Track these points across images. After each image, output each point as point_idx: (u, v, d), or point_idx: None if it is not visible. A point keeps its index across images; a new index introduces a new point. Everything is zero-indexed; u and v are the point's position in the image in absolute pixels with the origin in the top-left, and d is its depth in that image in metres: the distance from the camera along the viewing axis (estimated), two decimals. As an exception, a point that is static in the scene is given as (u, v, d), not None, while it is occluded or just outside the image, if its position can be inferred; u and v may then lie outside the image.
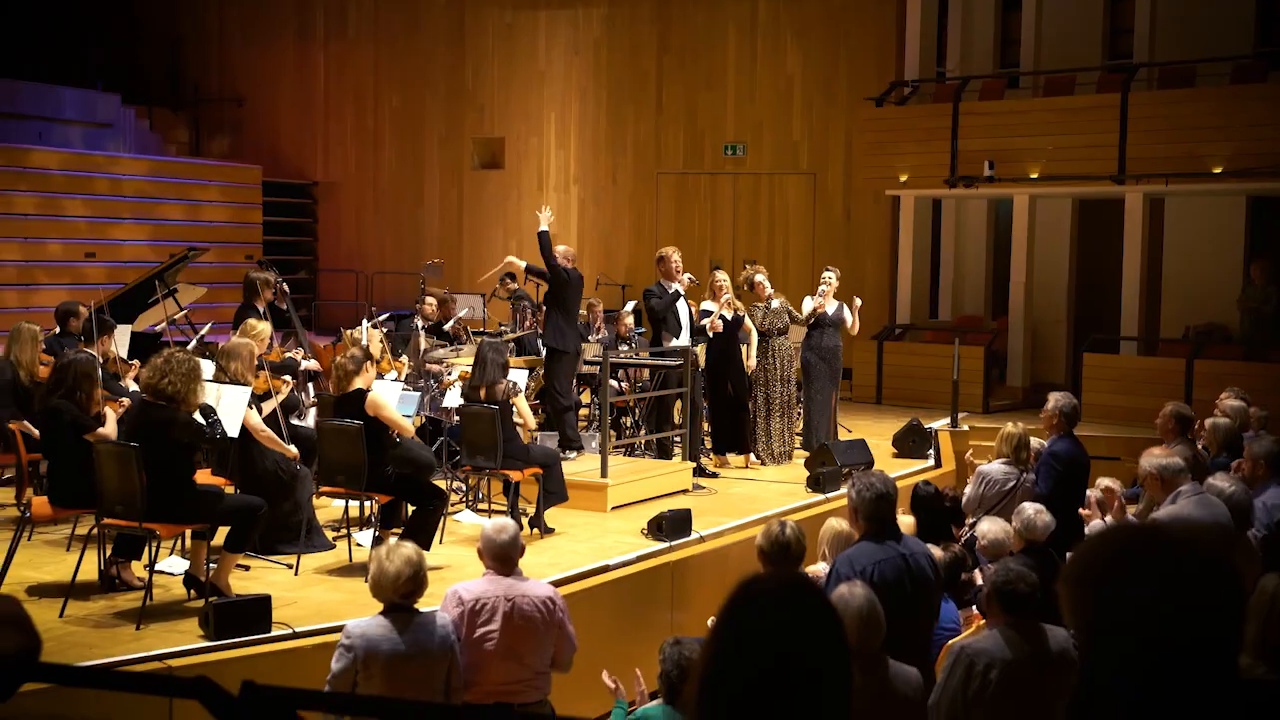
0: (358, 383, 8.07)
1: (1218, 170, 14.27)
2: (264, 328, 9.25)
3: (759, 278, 11.99)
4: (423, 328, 12.00)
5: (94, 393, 7.55)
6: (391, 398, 8.76)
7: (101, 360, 8.83)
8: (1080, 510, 7.77)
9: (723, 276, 11.75)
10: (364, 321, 10.80)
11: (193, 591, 7.19)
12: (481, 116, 20.43)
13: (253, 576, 7.76)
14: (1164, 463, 6.19)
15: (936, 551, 6.07)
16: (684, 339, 11.21)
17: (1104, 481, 8.69)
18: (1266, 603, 3.84)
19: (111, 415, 7.50)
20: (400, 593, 4.99)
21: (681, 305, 11.28)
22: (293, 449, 8.28)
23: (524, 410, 9.34)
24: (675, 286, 11.27)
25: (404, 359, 11.01)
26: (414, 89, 20.84)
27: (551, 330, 10.76)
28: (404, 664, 5.01)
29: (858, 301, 12.49)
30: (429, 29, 20.66)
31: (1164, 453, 6.40)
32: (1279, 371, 13.51)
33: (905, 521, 6.25)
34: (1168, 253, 16.01)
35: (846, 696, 1.82)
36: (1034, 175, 15.51)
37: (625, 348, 12.99)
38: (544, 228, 10.86)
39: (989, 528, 6.50)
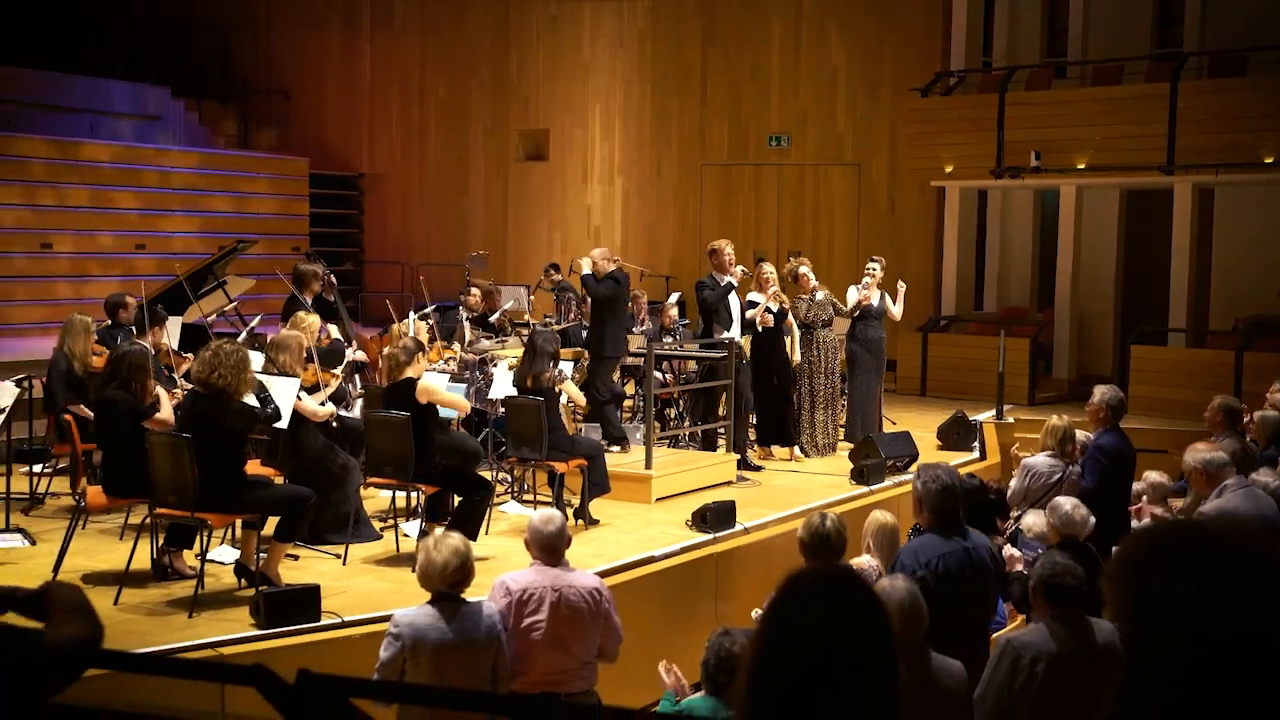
0: (408, 373, 8.15)
1: (1269, 160, 14.13)
2: (313, 320, 9.34)
3: (803, 269, 11.98)
4: (467, 319, 12.07)
5: (148, 384, 7.67)
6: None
7: (154, 352, 8.95)
8: (1130, 508, 7.74)
9: (769, 268, 11.74)
10: (410, 313, 10.88)
11: (243, 580, 7.29)
12: (526, 108, 20.49)
13: (301, 566, 7.85)
14: (1208, 457, 6.17)
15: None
16: (735, 331, 11.22)
17: (1151, 475, 8.67)
18: None
19: (167, 400, 7.61)
20: (448, 582, 5.05)
21: (733, 298, 11.28)
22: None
23: (574, 393, 9.47)
24: (727, 279, 11.26)
25: (455, 346, 11.10)
26: (459, 80, 20.93)
27: (598, 336, 10.84)
28: (451, 653, 5.06)
29: (902, 286, 12.46)
30: (474, 20, 20.74)
31: (1208, 447, 6.37)
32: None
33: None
34: (1217, 244, 15.87)
35: (893, 689, 1.85)
36: (1081, 166, 15.41)
37: (670, 339, 13.02)
38: (586, 271, 10.85)
39: (1034, 521, 6.49)
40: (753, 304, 11.50)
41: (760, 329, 11.43)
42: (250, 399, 7.22)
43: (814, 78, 18.34)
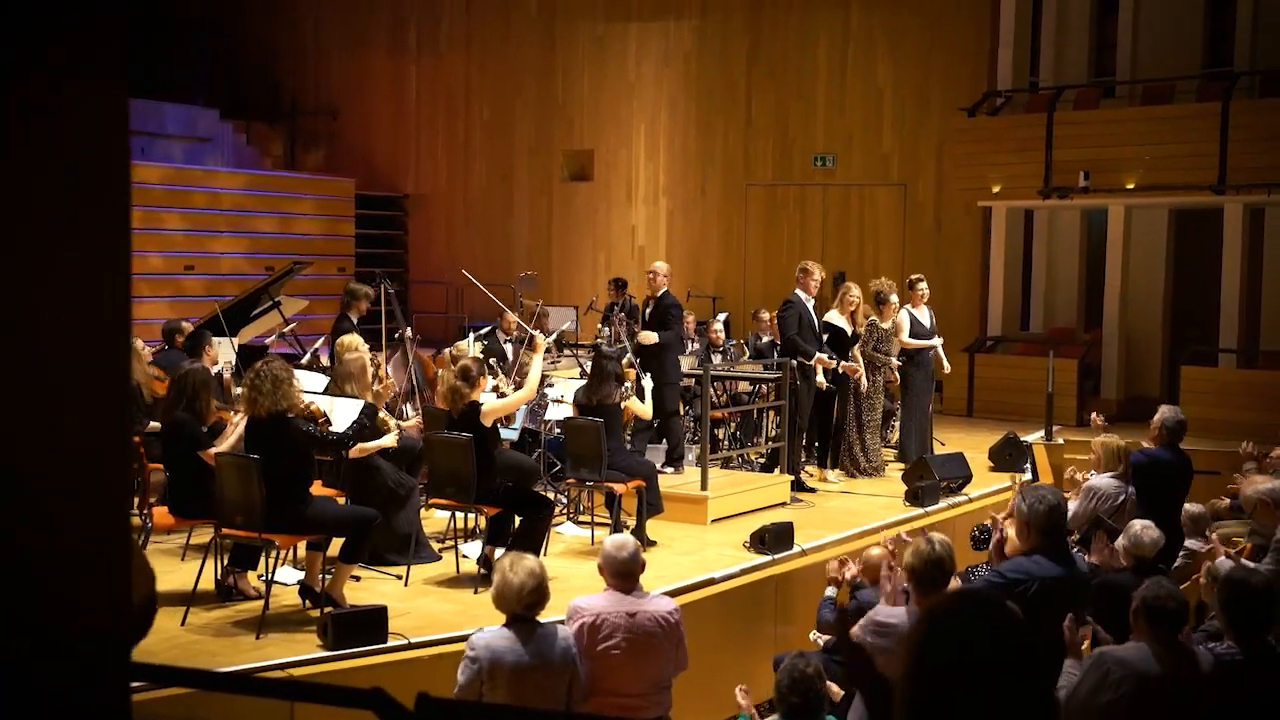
0: (471, 397, 8.19)
1: (1321, 180, 14.03)
2: (353, 339, 9.32)
3: (893, 298, 11.90)
4: (506, 341, 12.03)
5: (210, 401, 7.74)
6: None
7: (217, 370, 9.04)
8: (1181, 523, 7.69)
9: (856, 291, 11.72)
10: (469, 334, 10.91)
11: (308, 601, 7.32)
12: (571, 128, 20.58)
13: (363, 587, 7.88)
14: (1271, 487, 6.07)
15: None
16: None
17: (1190, 509, 8.46)
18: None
19: (232, 427, 7.65)
20: (524, 604, 5.06)
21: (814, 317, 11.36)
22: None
23: (638, 409, 9.52)
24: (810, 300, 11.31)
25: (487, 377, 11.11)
26: (504, 101, 21.05)
27: (661, 360, 10.81)
28: (528, 675, 5.07)
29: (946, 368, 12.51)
30: (520, 41, 20.87)
31: (1267, 478, 6.30)
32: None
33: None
34: (1267, 264, 15.76)
35: (1051, 691, 1.98)
36: (1130, 185, 15.33)
37: (719, 359, 13.01)
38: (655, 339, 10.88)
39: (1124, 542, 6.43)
40: (829, 325, 11.47)
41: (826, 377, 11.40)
42: (310, 425, 7.25)
43: (860, 97, 18.34)
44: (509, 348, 11.70)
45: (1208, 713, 4.61)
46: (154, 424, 8.50)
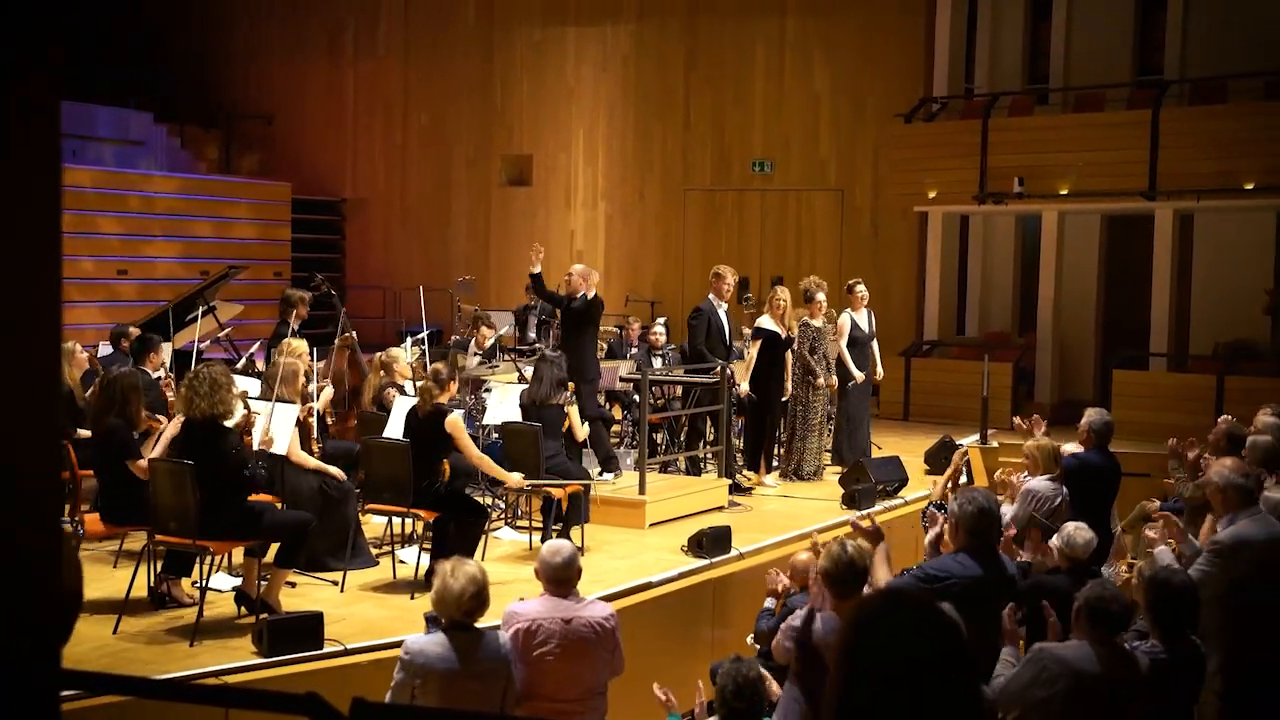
0: (440, 399, 8.15)
1: (1249, 186, 14.29)
2: (299, 344, 9.28)
3: (821, 296, 11.96)
4: (474, 353, 11.87)
5: (140, 407, 7.65)
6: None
7: (157, 376, 8.95)
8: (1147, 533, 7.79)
9: (784, 294, 11.76)
10: (405, 340, 10.86)
11: (243, 608, 7.26)
12: (509, 133, 20.55)
13: (300, 593, 7.82)
14: (1240, 481, 6.06)
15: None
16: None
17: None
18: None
19: (164, 434, 7.56)
20: (464, 609, 5.05)
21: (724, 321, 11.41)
22: (336, 470, 8.36)
23: (576, 420, 9.49)
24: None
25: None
26: (443, 106, 20.99)
27: (580, 359, 10.57)
28: (460, 681, 5.05)
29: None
30: (458, 47, 20.81)
31: (1238, 466, 6.26)
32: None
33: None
34: (1197, 269, 16.02)
35: (978, 688, 1.97)
36: (1063, 191, 15.54)
37: (659, 363, 13.04)
38: (536, 270, 10.74)
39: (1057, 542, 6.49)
40: (761, 329, 11.51)
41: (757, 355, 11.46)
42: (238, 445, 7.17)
43: (797, 103, 18.46)
44: (474, 360, 11.54)
45: (1142, 713, 4.69)
46: (84, 431, 8.39)
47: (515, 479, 8.54)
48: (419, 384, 8.31)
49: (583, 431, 9.70)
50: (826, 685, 2.00)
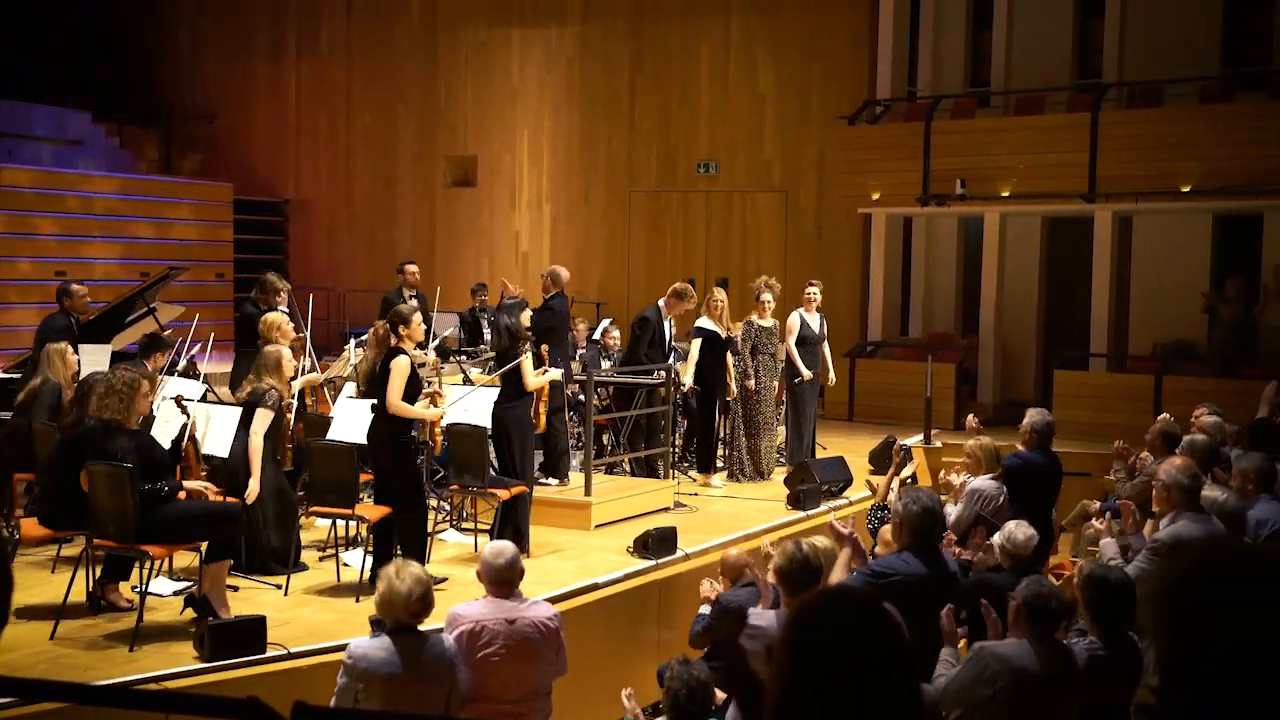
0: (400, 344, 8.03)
1: (1186, 189, 14.48)
2: (275, 318, 9.10)
3: (766, 296, 11.98)
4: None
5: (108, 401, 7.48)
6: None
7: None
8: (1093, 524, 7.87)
9: (721, 295, 11.77)
10: (349, 341, 10.79)
11: (189, 611, 7.17)
12: (454, 134, 20.47)
13: (242, 598, 7.75)
14: (1187, 482, 6.13)
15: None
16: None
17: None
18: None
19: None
20: (412, 611, 5.04)
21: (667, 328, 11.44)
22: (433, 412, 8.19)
23: (525, 370, 9.11)
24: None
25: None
26: (387, 106, 20.88)
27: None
28: (405, 685, 5.03)
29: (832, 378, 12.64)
30: (402, 47, 20.71)
31: (1187, 466, 6.33)
32: (1248, 387, 13.68)
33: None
34: (1135, 270, 16.22)
35: (919, 687, 1.95)
36: (1005, 194, 15.68)
37: (608, 364, 13.03)
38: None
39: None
40: (702, 330, 11.53)
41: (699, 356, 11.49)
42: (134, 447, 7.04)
43: (742, 105, 18.51)
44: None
45: (1080, 709, 4.76)
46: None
47: (434, 413, 8.17)
48: (370, 331, 8.20)
49: (532, 381, 9.31)
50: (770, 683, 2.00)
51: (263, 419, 7.89)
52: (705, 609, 6.94)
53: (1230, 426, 9.57)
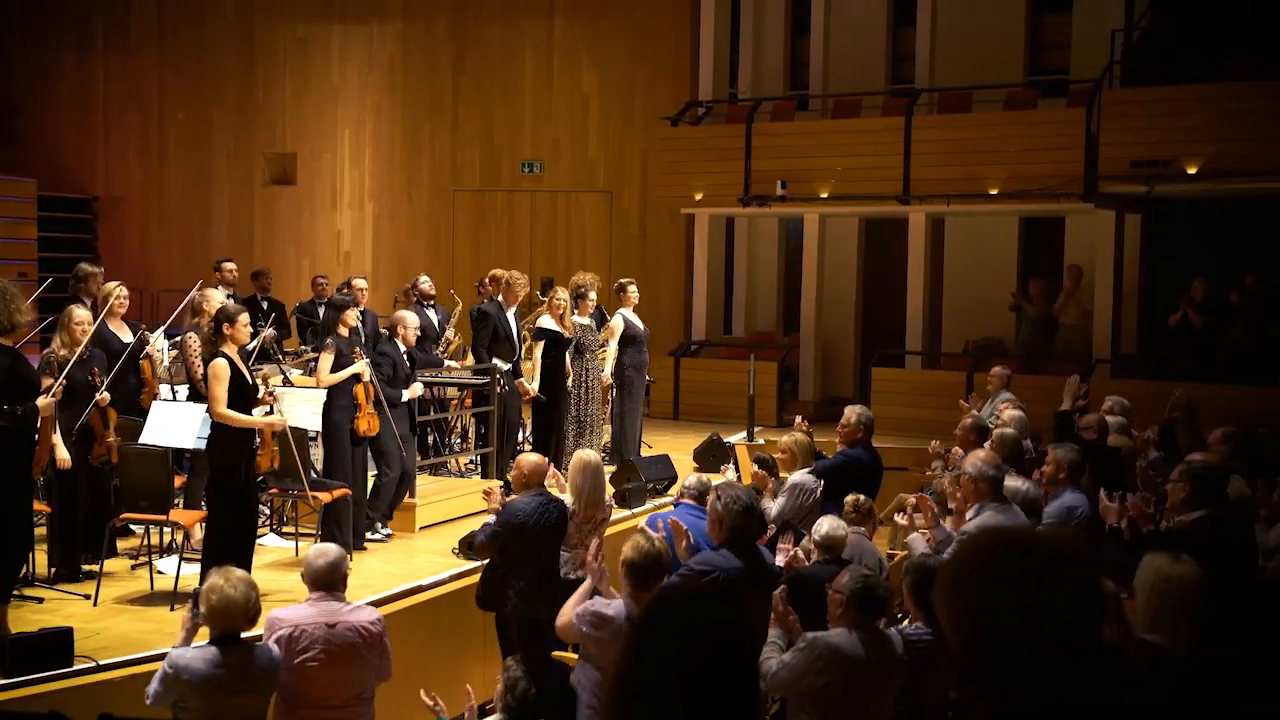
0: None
1: (994, 191, 14.98)
2: (80, 313, 8.73)
3: (592, 295, 11.98)
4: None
5: None
6: (190, 417, 8.36)
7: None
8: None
9: (563, 294, 11.72)
10: (164, 342, 10.47)
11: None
12: (273, 131, 20.03)
13: (49, 609, 7.47)
14: (992, 473, 6.36)
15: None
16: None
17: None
18: (1152, 579, 4.05)
19: None
20: (249, 617, 4.94)
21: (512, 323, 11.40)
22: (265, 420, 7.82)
23: (322, 366, 9.00)
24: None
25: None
26: (201, 102, 20.31)
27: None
28: (226, 697, 4.92)
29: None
30: (216, 42, 20.17)
31: (992, 457, 6.57)
32: (1049, 382, 14.22)
33: None
34: (948, 270, 16.73)
35: (756, 680, 1.98)
36: (824, 195, 16.01)
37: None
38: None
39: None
40: (543, 330, 11.46)
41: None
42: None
43: (566, 105, 18.54)
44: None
45: (901, 690, 4.92)
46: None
47: (266, 421, 7.71)
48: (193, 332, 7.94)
49: (324, 379, 9.10)
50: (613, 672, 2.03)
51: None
52: (492, 519, 6.89)
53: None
